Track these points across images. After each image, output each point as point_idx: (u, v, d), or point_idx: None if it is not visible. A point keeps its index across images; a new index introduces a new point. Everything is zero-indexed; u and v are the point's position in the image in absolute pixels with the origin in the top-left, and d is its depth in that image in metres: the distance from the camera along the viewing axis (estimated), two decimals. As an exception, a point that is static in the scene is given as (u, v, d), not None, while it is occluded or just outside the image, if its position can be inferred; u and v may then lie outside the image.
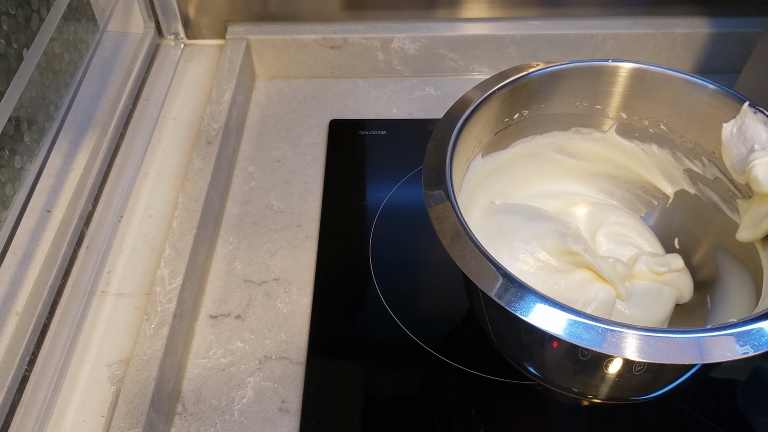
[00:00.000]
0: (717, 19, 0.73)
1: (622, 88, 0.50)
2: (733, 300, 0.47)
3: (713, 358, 0.34)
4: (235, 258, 0.59)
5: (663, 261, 0.50)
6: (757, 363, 0.51)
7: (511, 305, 0.36)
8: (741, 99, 0.46)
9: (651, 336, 0.34)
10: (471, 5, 0.73)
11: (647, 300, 0.49)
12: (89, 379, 0.49)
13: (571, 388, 0.45)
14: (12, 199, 0.54)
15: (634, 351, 0.34)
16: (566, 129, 0.53)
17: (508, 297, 0.36)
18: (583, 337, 0.35)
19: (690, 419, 0.48)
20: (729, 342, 0.34)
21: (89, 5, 0.68)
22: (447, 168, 0.43)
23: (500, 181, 0.53)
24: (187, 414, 0.49)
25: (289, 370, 0.51)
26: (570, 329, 0.35)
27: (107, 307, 0.53)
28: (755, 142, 0.45)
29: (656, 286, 0.50)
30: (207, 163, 0.60)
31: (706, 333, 0.35)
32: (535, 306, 0.36)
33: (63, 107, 0.62)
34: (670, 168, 0.52)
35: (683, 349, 0.34)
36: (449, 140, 0.45)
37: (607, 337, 0.35)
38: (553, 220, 0.50)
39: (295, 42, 0.73)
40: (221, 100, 0.66)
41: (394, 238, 0.59)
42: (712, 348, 0.34)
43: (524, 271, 0.47)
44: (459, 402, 0.50)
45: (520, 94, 0.49)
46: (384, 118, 0.71)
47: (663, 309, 0.49)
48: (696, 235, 0.52)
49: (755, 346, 0.34)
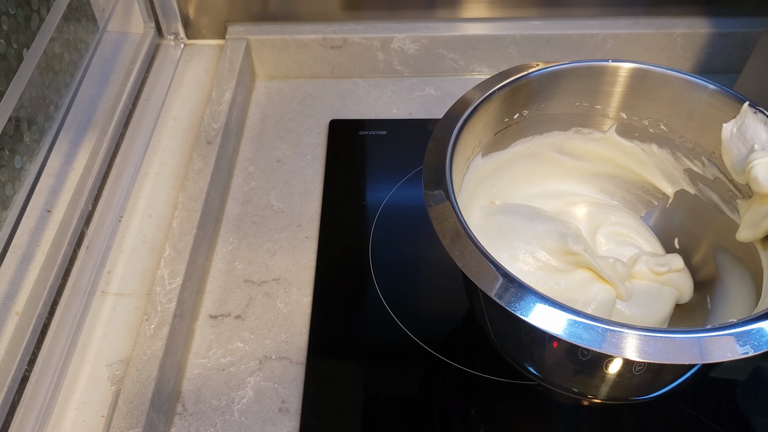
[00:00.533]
0: (717, 19, 0.73)
1: (622, 88, 0.50)
2: (733, 300, 0.47)
3: (713, 358, 0.34)
4: (235, 258, 0.59)
5: (663, 261, 0.50)
6: (757, 363, 0.51)
7: (510, 305, 0.36)
8: (741, 99, 0.46)
9: (651, 336, 0.34)
10: (471, 5, 0.73)
11: (647, 300, 0.49)
12: (89, 379, 0.49)
13: (571, 388, 0.45)
14: (12, 199, 0.54)
15: (633, 351, 0.34)
16: (566, 129, 0.53)
17: (508, 297, 0.36)
18: (582, 337, 0.35)
19: (690, 419, 0.48)
20: (729, 342, 0.34)
21: (89, 5, 0.68)
22: (447, 168, 0.43)
23: (500, 181, 0.53)
24: (187, 414, 0.49)
25: (289, 370, 0.51)
26: (570, 329, 0.35)
27: (107, 307, 0.53)
28: (755, 142, 0.45)
29: (656, 286, 0.50)
30: (207, 163, 0.60)
31: (706, 333, 0.35)
32: (535, 306, 0.36)
33: (63, 107, 0.62)
34: (670, 168, 0.52)
35: (683, 349, 0.34)
36: (449, 140, 0.45)
37: (607, 337, 0.35)
38: (553, 220, 0.50)
39: (295, 42, 0.73)
40: (221, 100, 0.66)
41: (394, 238, 0.59)
42: (712, 348, 0.34)
43: (524, 271, 0.47)
44: (459, 402, 0.50)
45: (520, 94, 0.49)
46: (384, 118, 0.71)
47: (663, 309, 0.49)
48: (696, 235, 0.52)
49: (755, 346, 0.34)
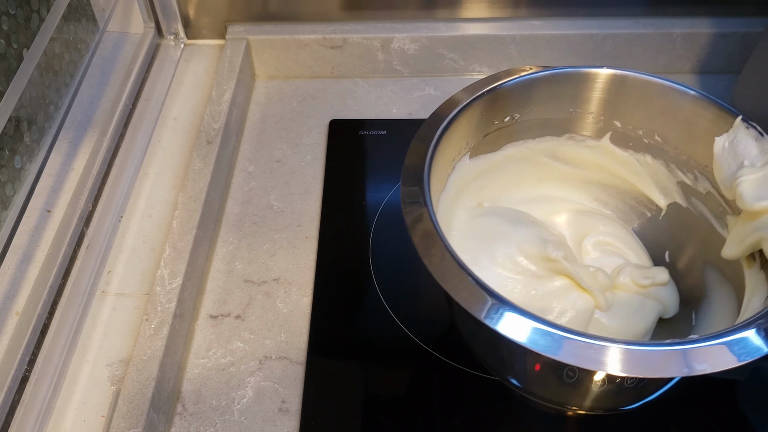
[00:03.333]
0: (717, 19, 0.72)
1: (616, 96, 0.50)
2: (717, 318, 0.46)
3: (663, 372, 0.34)
4: (235, 258, 0.59)
5: (648, 273, 0.49)
6: (757, 363, 0.51)
7: (469, 305, 0.36)
8: (734, 113, 0.45)
9: (631, 349, 0.34)
10: (471, 5, 0.73)
11: (628, 312, 0.48)
12: (89, 379, 0.49)
13: (551, 399, 0.45)
14: (12, 199, 0.54)
15: (570, 355, 0.34)
16: (559, 135, 0.53)
17: (471, 300, 0.36)
18: (539, 344, 0.35)
19: (690, 419, 0.48)
20: (677, 357, 0.34)
21: (89, 5, 0.68)
22: (426, 168, 0.43)
23: (490, 183, 0.53)
24: (187, 414, 0.49)
25: (289, 370, 0.51)
26: (533, 337, 0.35)
27: (107, 307, 0.53)
28: (745, 157, 0.44)
29: (639, 299, 0.49)
30: (207, 163, 0.60)
31: (658, 347, 0.34)
32: (489, 304, 0.36)
33: (63, 107, 0.62)
34: (664, 180, 0.51)
35: (659, 362, 0.34)
36: (432, 141, 0.44)
37: (564, 345, 0.34)
38: (535, 226, 0.49)
39: (295, 42, 0.73)
40: (221, 100, 0.66)
41: (394, 238, 0.59)
42: (667, 361, 0.34)
43: (503, 276, 0.47)
44: (459, 402, 0.50)
45: (511, 97, 0.49)
46: (384, 118, 0.71)
47: (644, 322, 0.48)
48: (687, 250, 0.51)
49: (710, 365, 0.34)
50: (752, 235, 0.43)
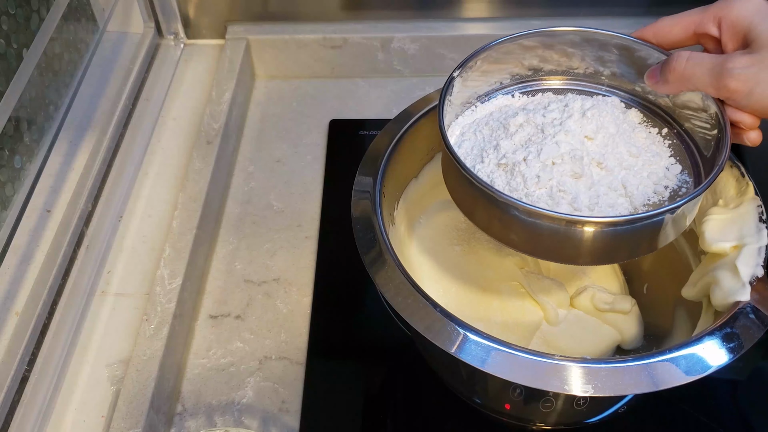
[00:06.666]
0: (717, 19, 0.72)
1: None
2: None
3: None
4: (235, 258, 0.59)
5: (609, 299, 0.49)
6: (757, 363, 0.51)
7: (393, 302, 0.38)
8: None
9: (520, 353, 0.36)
10: (471, 5, 0.73)
11: (581, 332, 0.48)
12: (89, 380, 0.49)
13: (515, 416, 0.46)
14: (12, 199, 0.54)
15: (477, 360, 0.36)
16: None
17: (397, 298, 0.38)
18: (472, 354, 0.36)
19: (690, 419, 0.48)
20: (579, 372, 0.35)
21: (89, 5, 0.67)
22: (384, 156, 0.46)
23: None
24: (187, 414, 0.49)
25: (289, 370, 0.51)
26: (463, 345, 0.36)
27: (107, 307, 0.53)
28: (722, 196, 0.43)
29: (596, 322, 0.48)
30: (207, 163, 0.60)
31: (556, 361, 0.36)
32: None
33: (63, 107, 0.62)
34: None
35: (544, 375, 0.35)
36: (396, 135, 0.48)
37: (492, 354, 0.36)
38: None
39: (295, 42, 0.73)
40: (221, 100, 0.66)
41: (394, 238, 0.59)
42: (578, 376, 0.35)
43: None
44: (459, 401, 0.50)
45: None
46: (384, 118, 0.71)
47: (597, 345, 0.48)
48: (664, 286, 0.50)
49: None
50: (705, 278, 0.41)
